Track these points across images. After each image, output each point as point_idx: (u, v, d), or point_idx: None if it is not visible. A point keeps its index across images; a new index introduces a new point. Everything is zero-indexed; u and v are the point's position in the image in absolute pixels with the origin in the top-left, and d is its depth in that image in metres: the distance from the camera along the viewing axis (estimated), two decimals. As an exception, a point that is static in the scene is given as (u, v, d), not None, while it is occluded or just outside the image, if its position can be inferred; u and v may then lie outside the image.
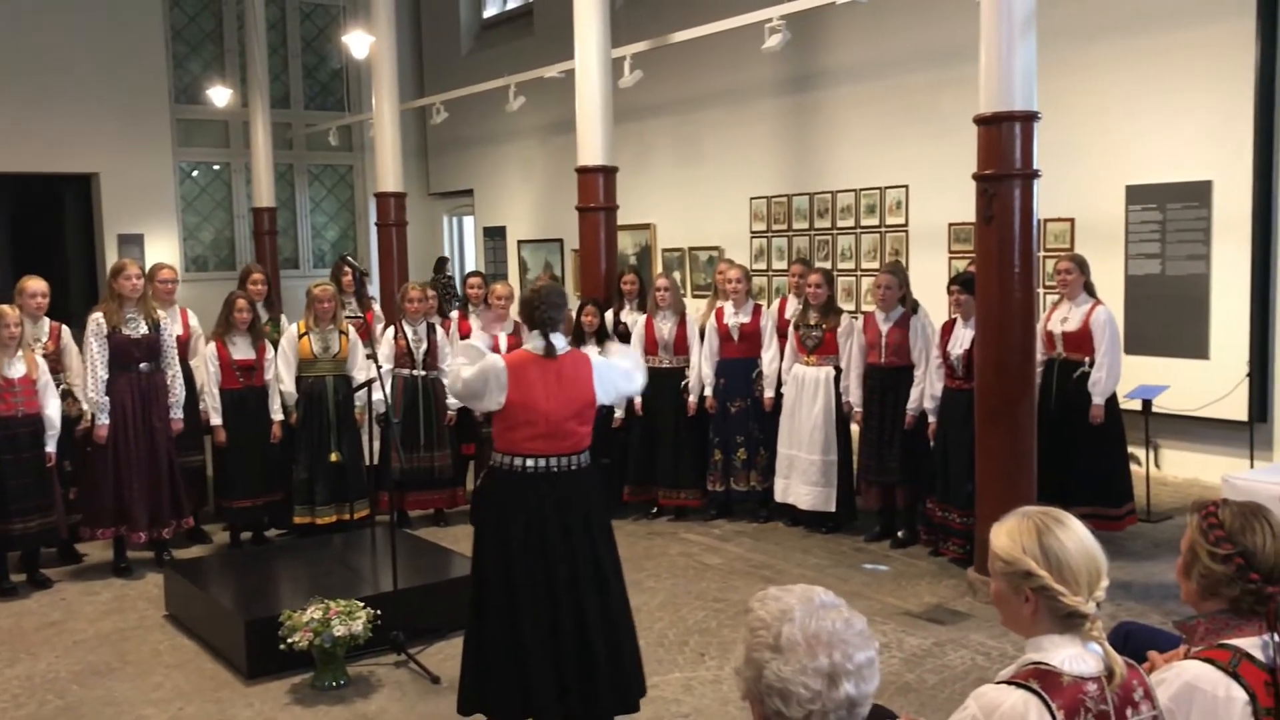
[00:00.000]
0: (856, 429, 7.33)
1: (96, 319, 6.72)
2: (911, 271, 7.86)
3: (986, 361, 6.02)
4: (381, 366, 6.53)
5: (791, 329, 7.48)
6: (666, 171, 12.78)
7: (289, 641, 4.94)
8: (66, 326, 7.13)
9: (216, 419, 7.24)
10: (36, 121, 13.69)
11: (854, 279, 10.86)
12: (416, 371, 7.67)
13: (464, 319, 8.41)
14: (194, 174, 15.96)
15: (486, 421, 6.88)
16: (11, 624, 6.11)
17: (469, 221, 17.10)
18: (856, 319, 7.51)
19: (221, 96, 14.85)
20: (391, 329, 7.79)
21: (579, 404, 4.37)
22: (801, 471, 7.35)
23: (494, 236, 16.03)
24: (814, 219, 11.24)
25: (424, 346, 7.72)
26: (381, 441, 7.38)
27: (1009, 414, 5.94)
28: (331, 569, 6.21)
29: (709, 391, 7.64)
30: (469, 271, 11.31)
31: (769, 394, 7.57)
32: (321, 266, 16.12)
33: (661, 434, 7.79)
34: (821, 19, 10.08)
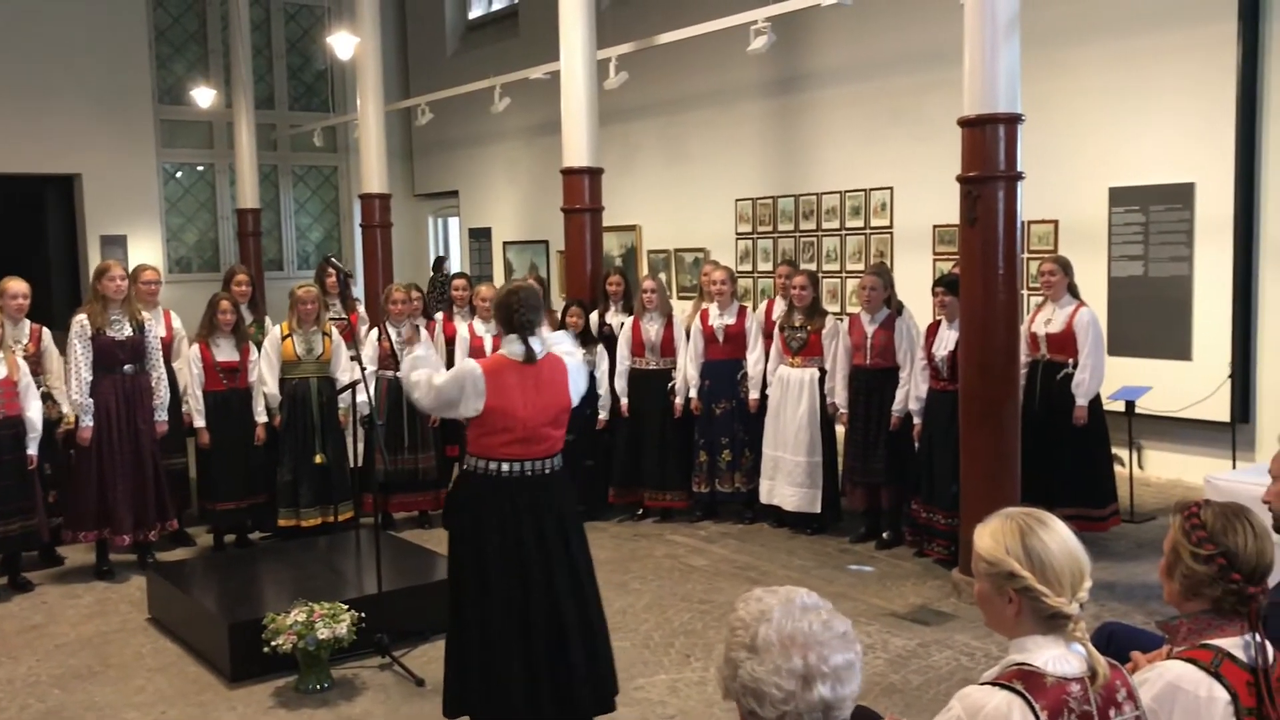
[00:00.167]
0: (841, 430, 7.34)
1: (80, 320, 6.68)
2: (896, 273, 7.88)
3: (971, 363, 6.04)
4: (366, 368, 6.51)
5: (777, 330, 7.49)
6: (652, 173, 12.78)
7: (273, 644, 4.91)
8: (47, 329, 7.09)
9: (200, 421, 7.21)
10: (18, 121, 13.62)
11: (839, 280, 10.88)
12: (400, 373, 7.64)
13: (448, 320, 8.40)
14: (178, 175, 15.90)
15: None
16: (-8, 628, 6.08)
17: (454, 223, 17.08)
18: (841, 321, 7.52)
19: (205, 97, 14.80)
20: (376, 330, 7.77)
21: (556, 409, 4.32)
22: (786, 473, 7.36)
23: (479, 238, 16.00)
24: (799, 220, 11.25)
25: (407, 348, 7.69)
26: (366, 443, 7.36)
27: (993, 415, 5.95)
28: (315, 571, 6.19)
29: (694, 393, 7.64)
30: (454, 273, 11.30)
31: (754, 395, 7.58)
32: (306, 268, 16.07)
33: (647, 435, 7.79)
34: (807, 21, 10.10)
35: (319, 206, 17.16)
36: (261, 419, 7.26)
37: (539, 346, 4.29)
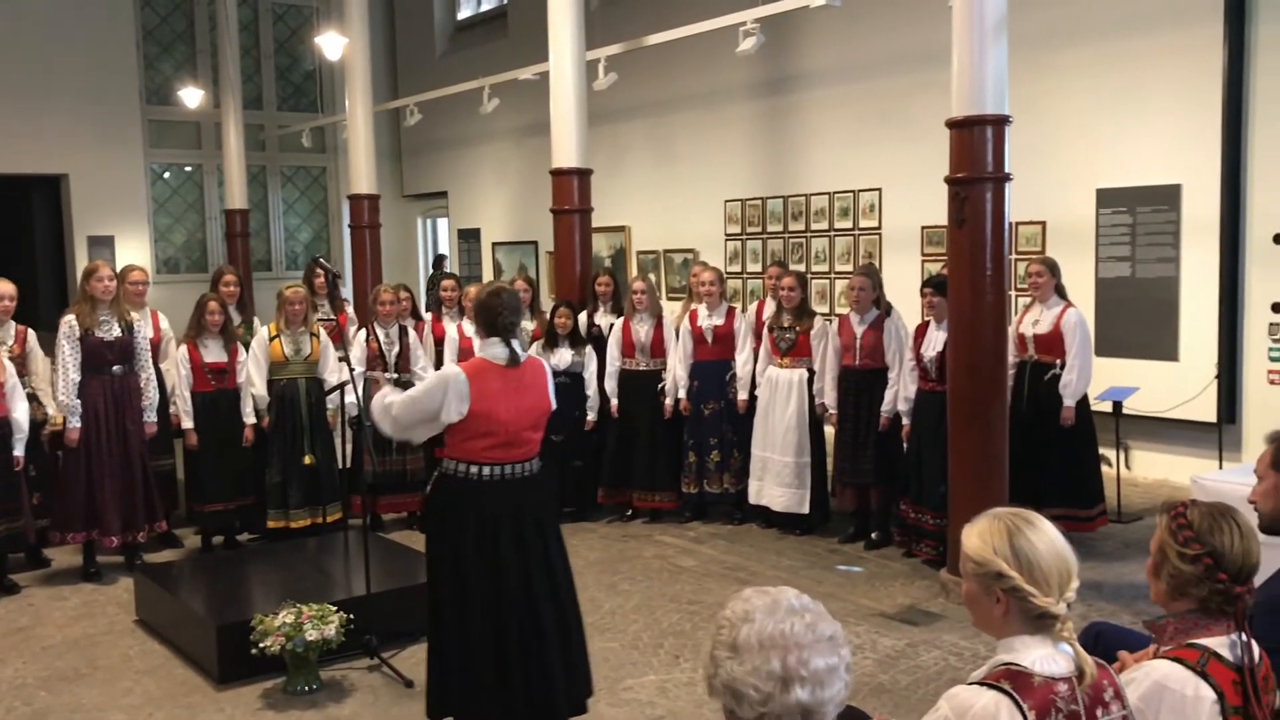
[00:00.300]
0: (830, 431, 7.35)
1: (69, 321, 6.65)
2: (885, 274, 7.88)
3: (959, 364, 6.05)
4: (354, 369, 6.49)
5: (766, 331, 7.50)
6: (641, 174, 12.78)
7: (261, 646, 4.90)
8: (32, 330, 7.06)
9: (188, 422, 7.18)
10: (4, 121, 13.54)
11: (828, 281, 10.90)
12: (388, 374, 7.64)
13: (437, 321, 8.39)
14: (165, 175, 15.84)
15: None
16: (-22, 630, 6.05)
17: (443, 224, 17.05)
18: (830, 322, 7.54)
19: (193, 97, 14.75)
20: (363, 331, 7.76)
21: (538, 413, 4.31)
22: (775, 473, 7.37)
23: (468, 239, 15.98)
24: (788, 221, 11.27)
25: (395, 349, 7.69)
26: (354, 445, 7.34)
27: (981, 416, 5.97)
28: (304, 573, 6.17)
29: (683, 394, 7.65)
30: (433, 269, 11.28)
31: (743, 396, 7.58)
32: (294, 269, 16.03)
33: (637, 436, 7.78)
34: (795, 23, 10.12)
35: (307, 207, 17.11)
36: (250, 420, 7.23)
37: (520, 350, 4.28)
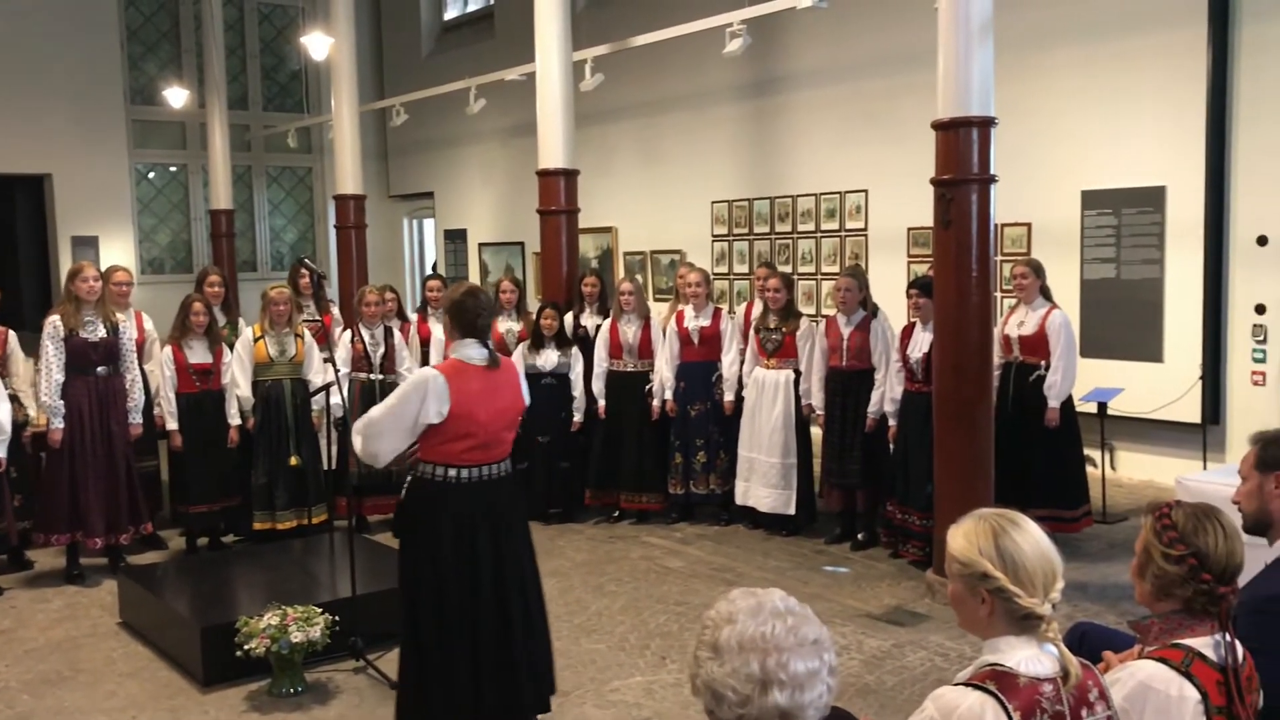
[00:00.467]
0: (817, 432, 7.36)
1: (53, 321, 6.61)
2: (871, 275, 7.90)
3: (945, 365, 6.06)
4: (339, 370, 6.47)
5: (752, 332, 7.51)
6: (628, 175, 12.78)
7: (246, 648, 4.88)
8: (13, 331, 7.02)
9: (173, 423, 7.15)
10: (-13, 120, 13.47)
11: (814, 283, 10.91)
12: (374, 375, 7.62)
13: (423, 322, 8.37)
14: (150, 175, 15.77)
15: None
16: (-40, 633, 6.01)
17: (429, 224, 17.01)
18: (817, 323, 7.55)
19: (178, 97, 14.68)
20: (349, 332, 7.74)
21: (513, 413, 4.32)
22: (761, 474, 7.37)
23: (455, 239, 15.95)
24: (774, 223, 11.28)
25: (381, 350, 7.67)
26: (339, 446, 7.32)
27: (967, 417, 5.98)
28: (289, 574, 6.15)
29: (669, 395, 7.64)
30: (428, 274, 11.26)
31: (729, 397, 7.58)
32: (280, 269, 15.97)
33: (624, 437, 7.78)
34: (782, 24, 10.13)
35: (293, 207, 17.06)
36: (235, 421, 7.20)
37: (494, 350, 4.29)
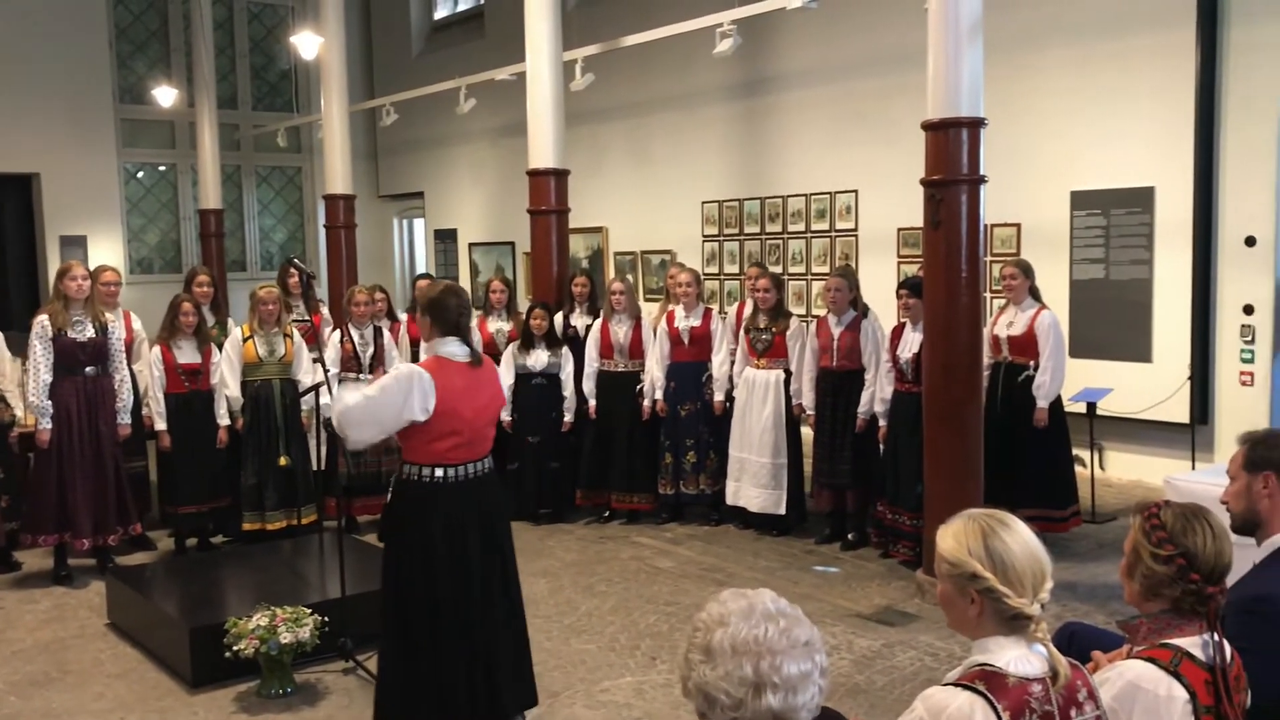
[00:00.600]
0: (808, 432, 7.36)
1: (41, 321, 6.57)
2: (861, 276, 7.90)
3: (934, 365, 6.07)
4: (328, 370, 6.45)
5: (742, 332, 7.51)
6: (619, 175, 12.77)
7: (234, 649, 4.86)
8: (0, 331, 6.98)
9: (161, 424, 7.12)
10: (-26, 120, 13.41)
11: (804, 283, 10.92)
12: (363, 375, 7.59)
13: (413, 321, 8.35)
14: (139, 175, 15.72)
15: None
16: (-53, 634, 5.98)
17: (419, 224, 16.99)
18: (808, 323, 7.55)
19: (167, 96, 14.64)
20: (338, 332, 7.72)
21: (495, 410, 4.36)
22: (751, 474, 7.37)
23: (445, 239, 15.93)
24: (765, 223, 11.28)
25: (371, 350, 7.65)
26: (329, 446, 7.30)
27: (957, 417, 5.99)
28: (278, 575, 6.13)
29: (659, 395, 7.64)
30: (418, 274, 11.24)
31: (719, 397, 7.58)
32: (269, 269, 15.93)
33: (615, 437, 7.78)
34: (772, 24, 10.13)
35: (283, 207, 17.02)
36: (224, 421, 7.18)
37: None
